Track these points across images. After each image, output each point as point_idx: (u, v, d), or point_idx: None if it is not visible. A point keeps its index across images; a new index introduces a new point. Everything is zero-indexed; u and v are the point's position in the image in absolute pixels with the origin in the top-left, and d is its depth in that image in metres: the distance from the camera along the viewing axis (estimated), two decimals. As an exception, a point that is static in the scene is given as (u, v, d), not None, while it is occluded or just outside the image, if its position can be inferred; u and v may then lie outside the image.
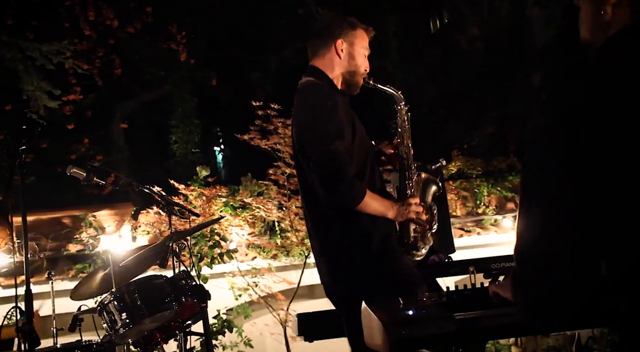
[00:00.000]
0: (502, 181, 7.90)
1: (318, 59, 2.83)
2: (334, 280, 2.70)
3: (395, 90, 2.93)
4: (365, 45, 2.88)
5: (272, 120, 6.03)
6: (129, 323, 2.92)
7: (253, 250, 6.66)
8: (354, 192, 2.52)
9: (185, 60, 8.73)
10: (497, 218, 7.80)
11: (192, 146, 8.85)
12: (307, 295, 7.20)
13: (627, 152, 1.29)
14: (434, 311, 1.67)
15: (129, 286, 3.06)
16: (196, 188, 6.40)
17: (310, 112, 2.66)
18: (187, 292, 3.03)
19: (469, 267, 3.61)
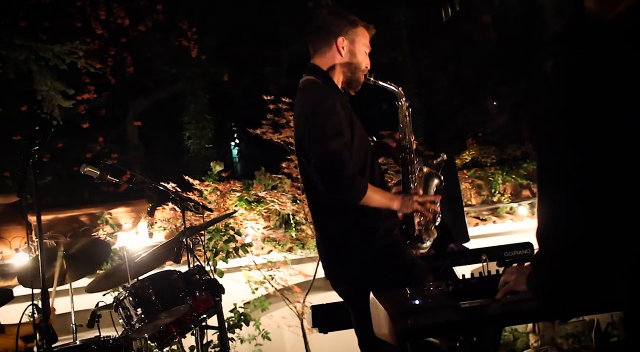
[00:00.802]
0: (516, 168, 7.87)
1: (319, 57, 2.84)
2: (339, 274, 2.72)
3: (396, 86, 2.94)
4: (366, 42, 2.89)
5: (283, 113, 6.06)
6: (144, 318, 2.96)
7: (269, 243, 6.70)
8: (355, 188, 2.54)
9: (197, 56, 8.76)
10: (512, 206, 7.79)
11: (205, 142, 8.89)
12: (324, 287, 7.22)
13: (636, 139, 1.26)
14: (439, 300, 1.69)
15: (143, 281, 3.11)
16: (210, 183, 6.44)
17: (310, 111, 2.68)
18: (201, 287, 3.07)
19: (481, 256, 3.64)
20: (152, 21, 8.46)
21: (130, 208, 7.00)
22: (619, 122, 1.28)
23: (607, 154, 1.29)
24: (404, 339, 1.61)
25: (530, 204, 7.90)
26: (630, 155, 1.27)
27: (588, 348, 7.31)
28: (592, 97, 1.29)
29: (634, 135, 1.26)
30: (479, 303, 1.62)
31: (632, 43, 1.29)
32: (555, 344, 7.22)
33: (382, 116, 5.22)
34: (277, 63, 10.17)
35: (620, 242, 1.32)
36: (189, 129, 8.98)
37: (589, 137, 1.30)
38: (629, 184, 1.27)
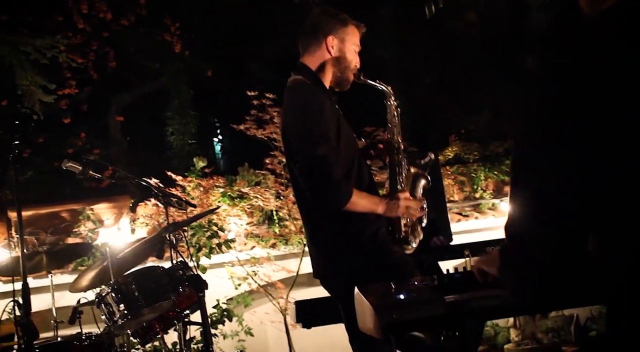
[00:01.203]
0: (499, 165, 7.92)
1: (308, 56, 2.83)
2: (327, 273, 2.73)
3: (385, 85, 2.93)
4: (356, 41, 2.88)
5: (267, 109, 6.04)
6: (127, 314, 2.95)
7: (252, 239, 6.69)
8: (339, 195, 2.54)
9: (180, 51, 8.71)
10: (494, 202, 7.83)
11: (188, 138, 8.85)
12: (307, 283, 7.24)
13: (623, 136, 1.26)
14: (424, 294, 1.69)
15: (126, 277, 3.09)
16: (193, 179, 6.41)
17: (298, 113, 2.66)
18: (184, 282, 3.06)
19: (464, 251, 3.66)
20: (135, 16, 8.39)
21: (113, 204, 6.94)
22: (612, 118, 1.27)
23: (602, 151, 1.28)
24: (389, 333, 1.61)
25: (512, 200, 7.94)
26: (626, 151, 1.25)
27: (568, 342, 7.39)
28: (583, 94, 1.28)
29: (627, 131, 1.25)
30: (463, 297, 1.63)
31: (622, 38, 1.28)
32: (535, 339, 7.29)
33: (366, 113, 5.21)
34: (261, 59, 10.13)
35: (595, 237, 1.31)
36: (172, 125, 8.92)
37: (582, 134, 1.28)
38: (626, 181, 1.25)
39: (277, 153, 6.24)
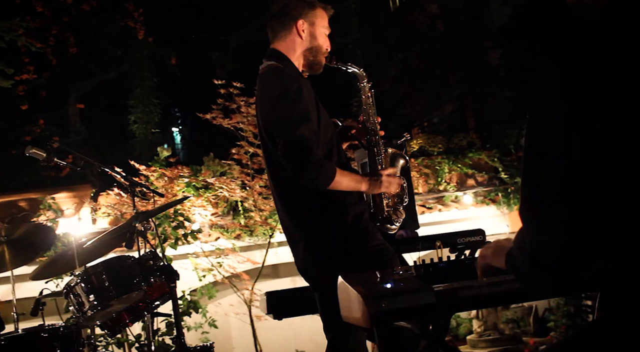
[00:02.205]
0: (462, 158, 8.00)
1: (279, 41, 2.80)
2: (308, 259, 2.69)
3: (357, 67, 2.92)
4: (326, 24, 2.87)
5: (234, 98, 5.97)
6: (97, 305, 2.87)
7: (216, 230, 6.62)
8: (323, 173, 2.51)
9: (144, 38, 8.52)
10: (457, 195, 7.92)
11: (152, 126, 8.67)
12: (272, 274, 7.21)
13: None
14: (412, 283, 1.68)
15: (96, 267, 3.00)
16: (157, 169, 6.30)
17: (275, 97, 2.63)
18: (155, 273, 2.99)
19: (435, 242, 3.68)
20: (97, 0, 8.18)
21: (73, 193, 6.77)
22: (623, 122, 1.22)
23: (614, 155, 1.23)
24: (377, 323, 1.59)
25: (474, 193, 8.05)
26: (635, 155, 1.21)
27: (527, 332, 7.55)
28: (593, 99, 1.24)
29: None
30: (452, 286, 1.62)
31: (624, 36, 1.25)
32: (497, 329, 7.42)
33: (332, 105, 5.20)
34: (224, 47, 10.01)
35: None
36: (135, 113, 8.73)
37: (595, 140, 1.23)
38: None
39: (244, 143, 6.18)
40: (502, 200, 7.93)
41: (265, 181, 6.30)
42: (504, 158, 8.05)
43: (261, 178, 6.32)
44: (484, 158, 8.08)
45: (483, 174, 8.08)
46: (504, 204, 7.92)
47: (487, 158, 8.07)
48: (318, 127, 2.60)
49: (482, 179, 8.11)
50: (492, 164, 8.06)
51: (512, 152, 8.11)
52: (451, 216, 7.89)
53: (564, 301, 7.29)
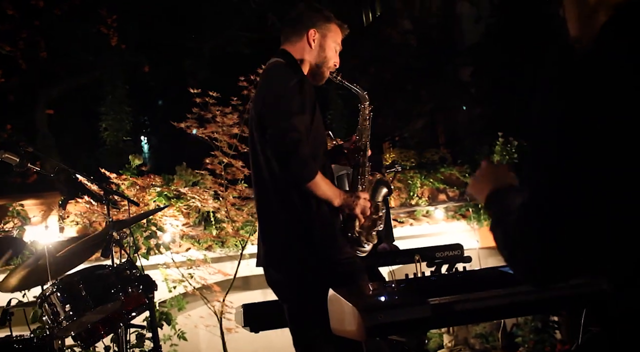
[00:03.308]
0: (434, 172, 8.06)
1: (289, 45, 2.84)
2: (272, 264, 2.67)
3: (361, 89, 2.95)
4: (338, 40, 2.90)
5: (210, 108, 5.92)
6: (72, 315, 2.78)
7: (187, 241, 6.53)
8: (307, 168, 2.50)
9: (116, 45, 8.41)
10: (429, 209, 7.96)
11: (123, 134, 8.54)
12: (242, 286, 7.13)
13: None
14: (407, 297, 1.67)
15: (73, 276, 2.92)
16: (128, 177, 6.20)
17: (274, 88, 2.65)
18: (133, 283, 2.92)
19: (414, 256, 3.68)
20: (69, 5, 8.05)
21: (40, 201, 6.62)
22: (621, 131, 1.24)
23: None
24: (373, 336, 1.58)
25: (445, 207, 8.11)
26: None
27: (496, 347, 7.60)
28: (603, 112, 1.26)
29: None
30: (449, 300, 1.62)
31: (625, 44, 1.27)
32: (467, 344, 7.45)
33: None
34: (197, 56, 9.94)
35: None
36: (106, 121, 8.59)
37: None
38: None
39: (218, 153, 6.13)
40: (473, 215, 7.99)
41: (239, 192, 6.25)
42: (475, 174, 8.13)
43: (235, 189, 6.27)
44: (455, 173, 8.15)
45: (454, 189, 8.15)
46: (474, 219, 7.98)
47: (459, 173, 8.14)
48: (311, 126, 2.60)
49: (453, 194, 8.18)
50: (463, 180, 8.13)
51: (482, 168, 8.18)
52: (422, 230, 7.92)
53: (531, 317, 7.37)
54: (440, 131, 10.92)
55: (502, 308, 1.58)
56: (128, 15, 8.63)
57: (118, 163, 7.18)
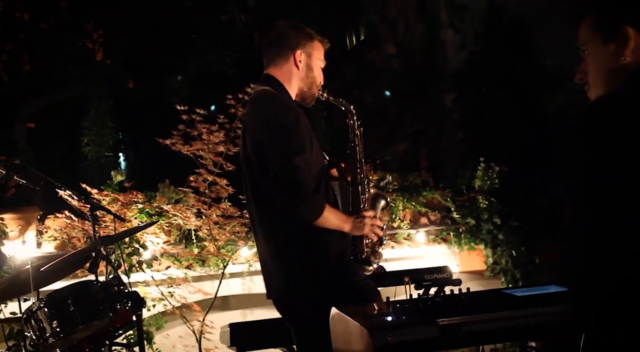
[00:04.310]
0: (416, 196, 8.08)
1: (275, 69, 2.77)
2: (287, 292, 2.61)
3: (348, 105, 2.93)
4: (322, 57, 2.86)
5: (196, 125, 5.89)
6: (59, 332, 2.70)
7: (168, 259, 6.45)
8: (314, 206, 2.48)
9: (102, 60, 8.35)
10: (410, 232, 7.96)
11: (105, 150, 8.44)
12: (222, 306, 7.05)
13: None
14: (415, 317, 1.65)
15: (61, 291, 2.85)
16: (110, 193, 6.12)
17: (271, 125, 2.58)
18: (122, 299, 2.86)
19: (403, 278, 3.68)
20: (55, 19, 7.98)
21: (18, 215, 6.49)
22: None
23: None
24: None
25: (427, 231, 8.12)
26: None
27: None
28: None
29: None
30: (458, 320, 1.60)
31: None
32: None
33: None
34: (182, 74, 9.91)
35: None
36: (89, 136, 8.49)
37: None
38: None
39: (203, 171, 6.08)
40: (453, 239, 8.02)
41: (222, 210, 6.20)
42: (457, 198, 8.18)
43: (218, 207, 6.22)
44: (437, 197, 8.18)
45: (436, 213, 8.17)
46: (455, 243, 8.01)
47: (441, 197, 8.17)
48: (310, 157, 2.57)
49: (434, 218, 8.20)
50: (445, 204, 8.16)
51: (464, 193, 8.24)
52: (403, 253, 7.92)
53: (510, 344, 7.38)
54: (422, 155, 10.99)
55: (512, 330, 1.57)
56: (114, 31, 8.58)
57: (99, 179, 7.09)
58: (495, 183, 7.94)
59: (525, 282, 7.65)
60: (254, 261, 6.59)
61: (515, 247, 7.68)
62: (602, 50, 1.53)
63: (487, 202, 7.85)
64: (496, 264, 7.81)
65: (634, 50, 1.49)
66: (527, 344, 7.48)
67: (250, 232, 6.63)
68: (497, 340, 3.67)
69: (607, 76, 1.52)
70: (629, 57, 1.49)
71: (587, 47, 1.59)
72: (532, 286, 1.98)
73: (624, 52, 1.50)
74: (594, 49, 1.56)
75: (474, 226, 7.88)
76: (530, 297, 1.75)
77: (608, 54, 1.52)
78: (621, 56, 1.50)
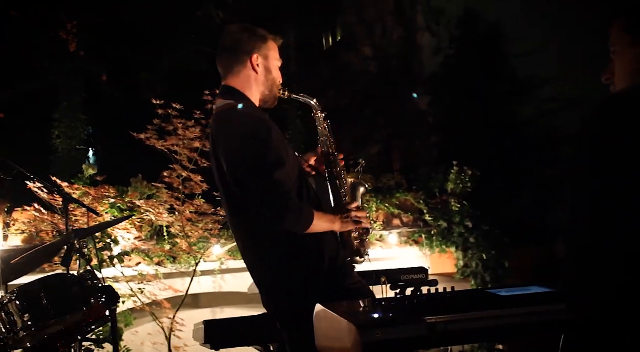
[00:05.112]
0: (390, 197, 8.10)
1: (233, 78, 2.72)
2: (281, 297, 2.58)
3: (310, 98, 2.91)
4: (277, 56, 2.84)
5: (172, 120, 5.82)
6: (31, 326, 2.63)
7: (138, 255, 6.35)
8: (303, 218, 2.47)
9: (75, 51, 8.19)
10: (383, 234, 7.98)
11: (77, 143, 8.28)
12: (192, 304, 6.98)
13: None
14: (403, 314, 1.64)
15: (34, 284, 2.77)
16: (81, 187, 6.01)
17: (245, 142, 2.52)
18: (96, 294, 2.80)
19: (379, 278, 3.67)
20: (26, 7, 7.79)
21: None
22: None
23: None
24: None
25: (399, 233, 8.15)
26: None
27: (443, 376, 7.63)
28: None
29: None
30: (446, 319, 1.60)
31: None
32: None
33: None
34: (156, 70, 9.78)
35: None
36: (60, 128, 8.32)
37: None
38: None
39: (177, 167, 6.01)
40: (425, 242, 8.06)
41: (196, 207, 6.14)
42: (429, 201, 8.22)
43: (192, 204, 6.16)
44: (410, 199, 8.21)
45: (409, 215, 8.21)
46: (427, 246, 8.05)
47: (414, 200, 8.20)
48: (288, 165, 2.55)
49: (407, 220, 8.23)
50: (418, 206, 8.20)
51: (437, 196, 8.29)
52: (375, 254, 7.88)
53: (478, 345, 7.45)
54: (396, 158, 11.04)
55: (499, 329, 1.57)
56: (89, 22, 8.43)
57: (70, 172, 6.95)
58: (468, 187, 8.01)
59: (494, 285, 7.74)
60: (226, 259, 6.54)
61: (485, 250, 7.76)
62: (631, 51, 1.62)
63: (459, 206, 7.92)
64: (467, 267, 7.88)
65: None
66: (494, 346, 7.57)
67: (223, 230, 6.58)
68: (483, 339, 3.69)
69: (633, 76, 1.60)
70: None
71: (616, 48, 1.68)
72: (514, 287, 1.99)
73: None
74: (622, 50, 1.65)
75: (445, 228, 7.94)
76: (515, 297, 1.75)
77: (636, 54, 1.61)
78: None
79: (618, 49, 1.67)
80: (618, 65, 1.66)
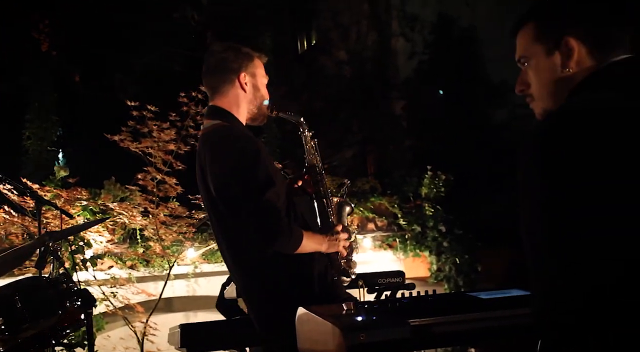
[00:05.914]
0: (364, 201, 8.13)
1: (221, 98, 2.70)
2: (268, 314, 2.56)
3: (297, 117, 2.86)
4: (264, 73, 2.80)
5: (147, 122, 5.76)
6: (4, 330, 2.57)
7: (111, 258, 6.27)
8: (293, 239, 2.45)
9: (47, 51, 8.05)
10: (358, 238, 7.99)
11: (48, 144, 8.14)
12: (165, 308, 6.91)
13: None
14: (387, 317, 1.64)
15: (7, 287, 2.71)
16: (52, 189, 5.91)
17: (232, 162, 2.50)
18: (71, 297, 2.75)
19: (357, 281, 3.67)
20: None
21: (-48, 209, 6.18)
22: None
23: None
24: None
25: (373, 237, 8.18)
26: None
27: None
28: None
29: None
30: (429, 321, 1.60)
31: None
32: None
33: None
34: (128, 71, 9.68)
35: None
36: (30, 129, 8.17)
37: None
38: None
39: (151, 169, 5.95)
40: (399, 246, 8.10)
41: (170, 210, 6.08)
42: (403, 205, 8.27)
43: (166, 206, 6.10)
44: (384, 203, 8.25)
45: (383, 219, 8.24)
46: (401, 250, 8.09)
47: (388, 204, 8.24)
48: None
49: (381, 224, 8.26)
50: (392, 210, 8.23)
51: (411, 200, 8.34)
52: (350, 258, 7.93)
53: (451, 348, 7.49)
54: (370, 161, 11.08)
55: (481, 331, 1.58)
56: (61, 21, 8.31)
57: (41, 174, 6.84)
58: (442, 191, 8.07)
59: (467, 289, 7.79)
60: (200, 263, 6.49)
61: (458, 255, 7.82)
62: (546, 61, 1.49)
63: (432, 210, 7.97)
64: (440, 271, 7.93)
65: (578, 61, 1.45)
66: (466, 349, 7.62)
67: (197, 233, 6.54)
68: (465, 342, 3.71)
69: (553, 89, 1.48)
70: (573, 68, 1.45)
71: (527, 59, 1.54)
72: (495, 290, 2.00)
73: (569, 63, 1.46)
74: (536, 61, 1.51)
75: (419, 233, 7.99)
76: (496, 300, 1.77)
77: (553, 65, 1.48)
78: (566, 68, 1.46)
79: (531, 60, 1.52)
80: (534, 78, 1.52)
